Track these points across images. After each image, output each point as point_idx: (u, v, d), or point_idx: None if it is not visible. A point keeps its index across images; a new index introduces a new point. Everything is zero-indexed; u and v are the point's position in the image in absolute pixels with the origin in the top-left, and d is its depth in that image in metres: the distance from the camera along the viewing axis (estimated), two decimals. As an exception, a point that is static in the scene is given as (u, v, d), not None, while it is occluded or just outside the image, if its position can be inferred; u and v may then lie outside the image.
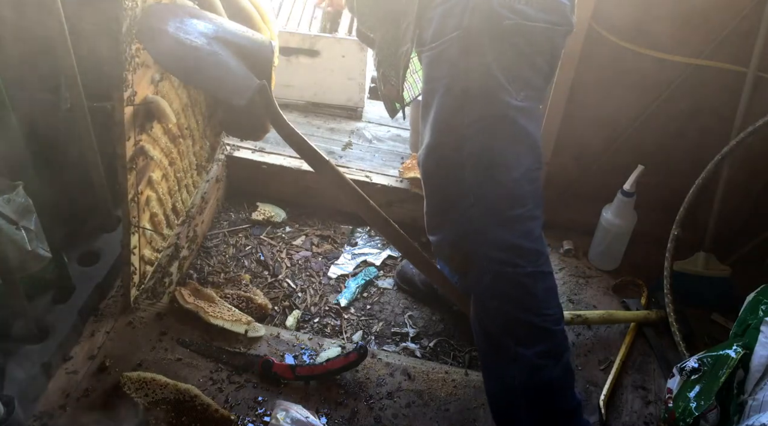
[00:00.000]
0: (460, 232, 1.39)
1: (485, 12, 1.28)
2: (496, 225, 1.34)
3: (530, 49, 1.32)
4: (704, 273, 1.91)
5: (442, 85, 1.35)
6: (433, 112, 1.37)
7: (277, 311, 1.91)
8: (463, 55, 1.30)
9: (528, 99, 1.33)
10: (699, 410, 1.39)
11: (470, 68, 1.30)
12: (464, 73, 1.31)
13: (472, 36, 1.29)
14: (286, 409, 1.46)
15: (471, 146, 1.33)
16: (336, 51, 2.33)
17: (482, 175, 1.34)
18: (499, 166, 1.34)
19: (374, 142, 2.36)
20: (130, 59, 1.33)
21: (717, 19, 1.69)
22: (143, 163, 1.52)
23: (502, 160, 1.34)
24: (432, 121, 1.38)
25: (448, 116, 1.35)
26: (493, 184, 1.35)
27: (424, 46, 1.39)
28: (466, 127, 1.33)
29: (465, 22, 1.29)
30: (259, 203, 2.24)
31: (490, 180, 1.34)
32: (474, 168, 1.34)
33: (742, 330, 1.47)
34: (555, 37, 1.36)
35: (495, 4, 1.27)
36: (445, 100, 1.34)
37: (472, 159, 1.34)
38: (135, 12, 1.31)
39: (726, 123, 1.80)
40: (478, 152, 1.34)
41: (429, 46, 1.37)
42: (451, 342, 1.86)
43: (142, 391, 1.49)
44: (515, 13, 1.28)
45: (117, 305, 1.70)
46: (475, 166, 1.34)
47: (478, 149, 1.33)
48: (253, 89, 1.47)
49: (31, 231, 1.57)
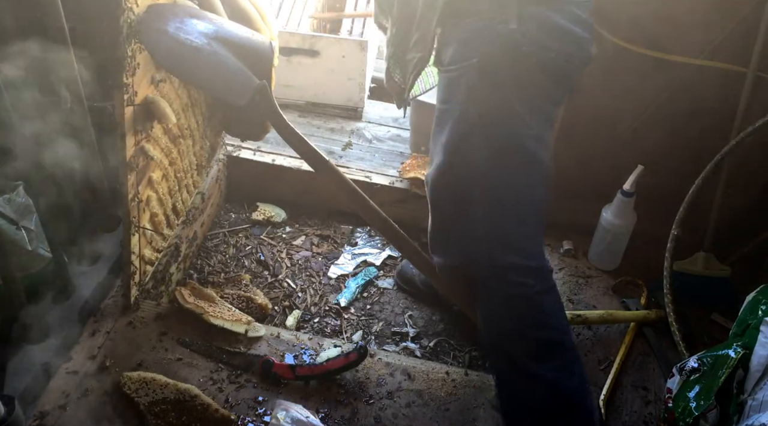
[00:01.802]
0: (466, 259, 1.38)
1: (504, 40, 1.28)
2: (506, 251, 1.34)
3: (546, 78, 1.32)
4: (704, 273, 1.91)
5: (458, 108, 1.34)
6: (447, 134, 1.36)
7: (277, 311, 1.91)
8: (481, 81, 1.30)
9: (541, 127, 1.34)
10: (699, 410, 1.39)
11: (488, 95, 1.30)
12: (482, 99, 1.31)
13: (492, 63, 1.29)
14: (286, 409, 1.46)
15: (483, 174, 1.33)
16: (336, 51, 2.33)
17: (493, 206, 1.34)
18: (510, 196, 1.35)
19: (374, 142, 2.36)
20: (130, 59, 1.33)
21: (717, 20, 1.69)
22: (143, 163, 1.52)
23: (514, 190, 1.35)
24: (445, 142, 1.37)
25: (462, 141, 1.34)
26: (503, 215, 1.35)
27: (442, 66, 1.39)
28: (479, 154, 1.32)
29: (485, 48, 1.29)
30: (259, 203, 2.24)
31: (500, 210, 1.35)
32: (485, 197, 1.33)
33: (741, 330, 1.47)
34: (570, 68, 1.36)
35: (515, 33, 1.27)
36: (461, 124, 1.34)
37: (483, 188, 1.33)
38: (135, 12, 1.31)
39: (726, 123, 1.80)
40: (489, 181, 1.33)
41: (447, 68, 1.36)
42: (451, 342, 1.86)
43: (143, 390, 1.49)
44: (533, 42, 1.28)
45: (117, 305, 1.70)
46: (486, 195, 1.33)
47: (490, 178, 1.33)
48: (253, 89, 1.47)
49: (31, 231, 1.57)
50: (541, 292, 1.36)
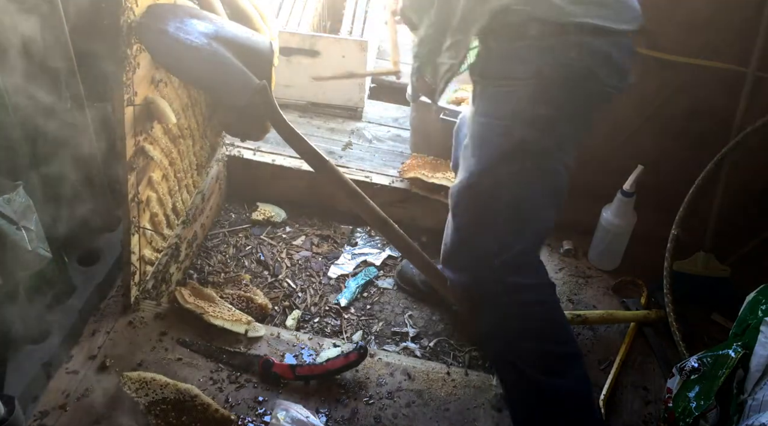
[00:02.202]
0: (479, 277, 1.37)
1: (564, 67, 1.25)
2: (518, 273, 1.35)
3: (593, 108, 1.32)
4: (704, 273, 1.91)
5: (500, 125, 1.31)
6: (484, 149, 1.33)
7: (277, 311, 1.91)
8: (532, 103, 1.27)
9: (572, 154, 1.33)
10: (698, 410, 1.39)
11: (536, 118, 1.28)
12: (529, 121, 1.28)
13: (548, 88, 1.26)
14: (286, 409, 1.46)
15: (513, 196, 1.31)
16: (336, 51, 2.33)
17: (515, 227, 1.33)
18: (533, 220, 1.35)
19: (374, 142, 2.36)
20: (130, 59, 1.33)
21: (717, 20, 1.69)
22: (143, 164, 1.52)
23: (538, 215, 1.35)
24: (480, 157, 1.33)
25: (500, 160, 1.31)
26: (521, 237, 1.35)
27: (486, 78, 1.34)
28: (512, 176, 1.30)
29: (544, 72, 1.25)
30: (259, 203, 2.24)
31: (520, 233, 1.35)
32: (509, 219, 1.32)
33: (741, 330, 1.47)
34: (611, 99, 1.35)
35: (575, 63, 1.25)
36: (502, 143, 1.30)
37: (510, 209, 1.32)
38: (135, 12, 1.31)
39: (726, 123, 1.80)
40: (518, 204, 1.32)
41: (496, 81, 1.32)
42: (451, 342, 1.86)
43: (143, 390, 1.49)
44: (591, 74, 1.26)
45: (117, 305, 1.70)
46: (511, 217, 1.32)
47: (518, 201, 1.32)
48: (253, 89, 1.47)
49: (31, 231, 1.57)
50: (555, 307, 1.40)
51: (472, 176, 1.34)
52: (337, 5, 2.81)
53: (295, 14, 2.49)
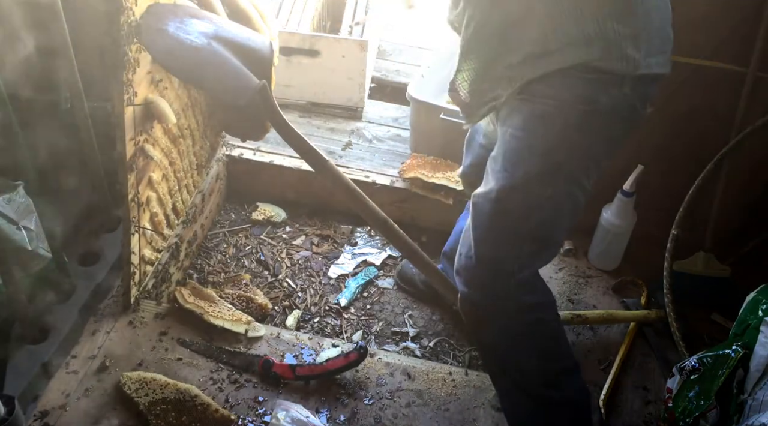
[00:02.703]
0: (492, 295, 1.36)
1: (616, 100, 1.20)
2: (532, 292, 1.36)
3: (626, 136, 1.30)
4: (704, 273, 1.91)
5: (539, 144, 1.24)
6: (518, 166, 1.27)
7: (277, 311, 1.91)
8: (578, 129, 1.22)
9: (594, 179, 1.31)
10: (699, 410, 1.39)
11: (577, 144, 1.24)
12: (569, 145, 1.24)
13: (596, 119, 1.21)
14: (286, 409, 1.46)
15: (539, 216, 1.29)
16: (336, 51, 2.33)
17: (536, 249, 1.33)
18: (553, 243, 1.38)
19: (374, 142, 2.36)
20: (130, 59, 1.33)
21: (717, 20, 1.69)
22: (143, 164, 1.52)
23: (559, 237, 1.37)
24: (511, 173, 1.27)
25: (533, 180, 1.26)
26: (539, 258, 1.37)
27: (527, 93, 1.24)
28: (540, 198, 1.27)
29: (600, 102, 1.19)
30: (259, 203, 2.24)
31: (539, 254, 1.36)
32: (533, 240, 1.31)
33: (741, 330, 1.47)
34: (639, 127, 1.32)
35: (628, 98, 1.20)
36: (537, 163, 1.25)
37: (536, 233, 1.30)
38: (135, 11, 1.31)
39: (726, 123, 1.80)
40: (543, 226, 1.30)
41: (542, 99, 1.22)
42: (451, 342, 1.86)
43: (143, 390, 1.49)
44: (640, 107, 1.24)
45: (117, 305, 1.70)
46: (536, 239, 1.31)
47: (545, 223, 1.30)
48: (253, 89, 1.47)
49: (31, 231, 1.57)
50: (558, 323, 1.43)
51: (502, 191, 1.28)
52: (338, 5, 2.81)
53: (295, 14, 2.49)
